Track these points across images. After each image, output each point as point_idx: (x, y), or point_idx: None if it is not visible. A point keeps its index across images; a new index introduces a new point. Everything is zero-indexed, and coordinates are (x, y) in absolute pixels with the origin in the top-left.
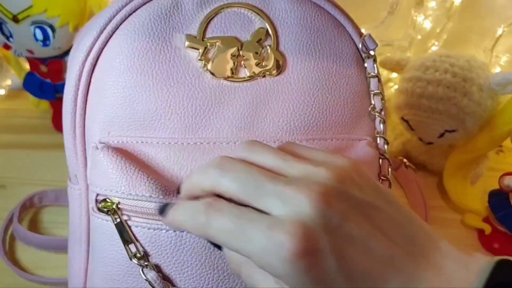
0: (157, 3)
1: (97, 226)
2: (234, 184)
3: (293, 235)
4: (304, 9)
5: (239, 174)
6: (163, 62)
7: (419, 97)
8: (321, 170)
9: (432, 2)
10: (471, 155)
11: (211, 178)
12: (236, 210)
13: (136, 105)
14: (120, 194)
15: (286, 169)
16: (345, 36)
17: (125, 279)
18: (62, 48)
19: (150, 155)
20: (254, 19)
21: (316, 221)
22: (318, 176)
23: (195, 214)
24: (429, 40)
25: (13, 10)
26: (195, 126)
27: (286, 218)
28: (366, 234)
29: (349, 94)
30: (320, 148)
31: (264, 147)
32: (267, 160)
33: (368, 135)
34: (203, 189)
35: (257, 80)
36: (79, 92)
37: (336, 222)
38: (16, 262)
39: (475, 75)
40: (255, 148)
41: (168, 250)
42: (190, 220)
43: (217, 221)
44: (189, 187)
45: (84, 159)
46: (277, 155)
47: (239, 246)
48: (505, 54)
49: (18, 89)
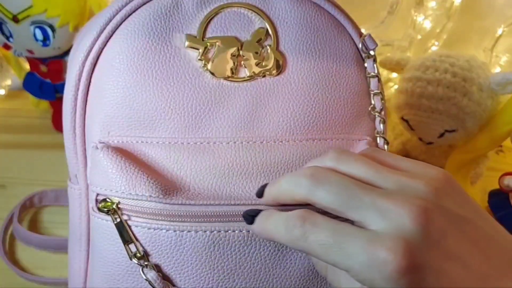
0: (157, 3)
1: (97, 226)
2: (329, 195)
3: (396, 252)
4: (304, 9)
5: (334, 186)
6: (163, 62)
7: (419, 97)
8: (418, 183)
9: (432, 2)
10: (471, 155)
11: (304, 188)
12: (332, 224)
13: (136, 104)
14: (120, 194)
15: (379, 181)
16: (345, 36)
17: (125, 279)
18: (62, 48)
19: (150, 155)
20: (254, 19)
21: (417, 237)
22: (416, 189)
23: (289, 226)
24: (429, 40)
25: (13, 10)
26: (195, 126)
27: (387, 233)
28: (464, 250)
29: (349, 94)
30: (320, 148)
31: (353, 157)
32: (358, 171)
33: (368, 135)
34: (293, 198)
35: (257, 80)
36: (79, 92)
37: (436, 238)
38: (16, 262)
39: (475, 75)
40: (345, 157)
41: (168, 250)
42: (284, 232)
43: (313, 235)
44: (276, 194)
45: (84, 159)
46: (368, 166)
47: (337, 260)
48: (505, 54)
49: (18, 89)
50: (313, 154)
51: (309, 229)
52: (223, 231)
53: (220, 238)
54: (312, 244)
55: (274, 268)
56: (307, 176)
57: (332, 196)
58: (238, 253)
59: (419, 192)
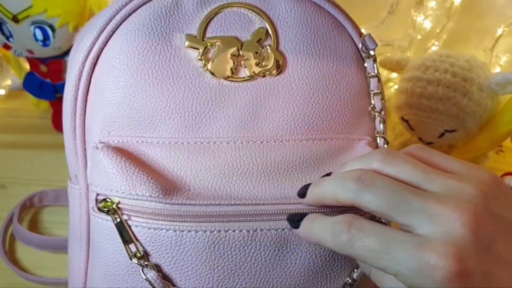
0: (157, 2)
1: (97, 226)
2: (377, 199)
3: (447, 257)
4: (304, 9)
5: (382, 190)
6: (163, 62)
7: (419, 97)
8: (467, 187)
9: (432, 2)
10: (471, 155)
11: (351, 192)
12: (379, 229)
13: (136, 104)
14: (120, 193)
15: (427, 184)
16: (345, 36)
17: (125, 279)
18: (62, 48)
19: (150, 155)
20: (254, 19)
21: (468, 242)
22: (464, 193)
23: (335, 232)
24: (429, 40)
25: (13, 10)
26: (195, 126)
27: (436, 238)
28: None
29: (349, 94)
30: (320, 148)
31: (400, 158)
32: (406, 173)
33: (368, 135)
34: (339, 201)
35: (257, 80)
36: (79, 92)
37: (486, 243)
38: (16, 262)
39: (475, 75)
40: (392, 159)
41: (168, 250)
42: (331, 237)
43: (360, 241)
44: (320, 195)
45: (84, 159)
46: (416, 168)
47: (385, 266)
48: (505, 54)
49: (18, 89)
50: (313, 154)
51: (355, 235)
52: (223, 231)
53: (220, 238)
54: (358, 250)
55: (274, 268)
56: (354, 179)
57: (380, 200)
58: (238, 253)
59: (468, 195)
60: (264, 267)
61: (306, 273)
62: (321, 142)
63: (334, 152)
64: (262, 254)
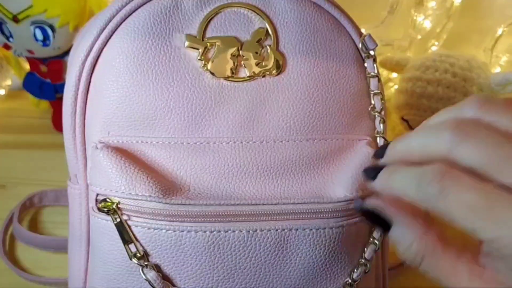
0: (157, 3)
1: (97, 226)
2: (477, 152)
3: None
4: (304, 9)
5: (483, 142)
6: (163, 62)
7: (419, 97)
8: None
9: (432, 2)
10: None
11: (447, 142)
12: (479, 184)
13: (136, 104)
14: (120, 194)
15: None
16: (345, 36)
17: (125, 279)
18: (62, 48)
19: (150, 155)
20: (254, 19)
21: None
22: None
23: (423, 181)
24: (429, 40)
25: (13, 10)
26: (195, 126)
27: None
28: None
29: (349, 94)
30: (320, 148)
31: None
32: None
33: (368, 134)
34: (428, 155)
35: (257, 80)
36: (79, 92)
37: None
38: (16, 262)
39: (475, 75)
40: (491, 106)
41: (168, 250)
42: (415, 188)
43: (457, 194)
44: (405, 149)
45: (84, 159)
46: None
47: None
48: (505, 54)
49: (18, 89)
50: (313, 154)
51: (450, 186)
52: (223, 231)
53: (220, 238)
54: (453, 203)
55: (274, 268)
56: (451, 128)
57: (480, 154)
58: (238, 253)
59: None
60: (264, 267)
61: (306, 273)
62: (321, 142)
63: (334, 152)
64: (262, 254)
